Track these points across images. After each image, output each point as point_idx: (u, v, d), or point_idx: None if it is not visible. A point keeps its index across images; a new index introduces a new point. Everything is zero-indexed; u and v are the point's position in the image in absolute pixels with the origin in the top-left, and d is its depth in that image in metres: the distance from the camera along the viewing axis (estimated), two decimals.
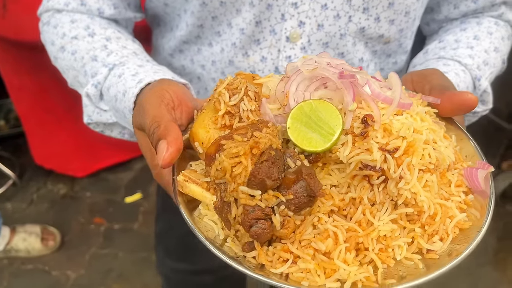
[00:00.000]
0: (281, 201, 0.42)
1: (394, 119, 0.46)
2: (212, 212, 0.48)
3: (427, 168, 0.45)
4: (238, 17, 0.71)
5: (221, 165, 0.43)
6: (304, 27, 0.71)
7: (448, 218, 0.45)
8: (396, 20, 0.74)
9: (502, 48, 0.81)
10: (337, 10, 0.70)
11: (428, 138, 0.46)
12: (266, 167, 0.41)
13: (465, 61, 0.73)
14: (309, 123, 0.46)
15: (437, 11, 0.85)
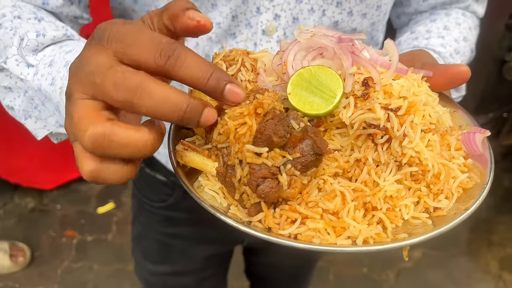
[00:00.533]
0: (288, 160, 0.41)
1: (393, 83, 0.47)
2: (212, 182, 0.47)
3: (428, 128, 0.46)
4: (214, 11, 0.72)
5: (224, 128, 0.42)
6: (279, 20, 0.72)
7: (451, 178, 0.46)
8: (368, 14, 0.76)
9: (470, 37, 0.85)
10: (311, 4, 0.72)
11: (427, 101, 0.47)
12: (272, 124, 0.41)
13: (438, 49, 0.76)
14: (310, 87, 0.46)
15: (406, 5, 0.89)
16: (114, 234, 2.24)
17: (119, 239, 2.21)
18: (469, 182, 0.46)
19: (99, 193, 2.44)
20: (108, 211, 2.35)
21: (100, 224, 2.29)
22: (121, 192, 2.44)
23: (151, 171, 1.06)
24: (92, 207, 2.37)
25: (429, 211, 0.44)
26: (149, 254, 1.17)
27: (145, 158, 0.40)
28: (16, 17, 0.65)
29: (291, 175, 0.42)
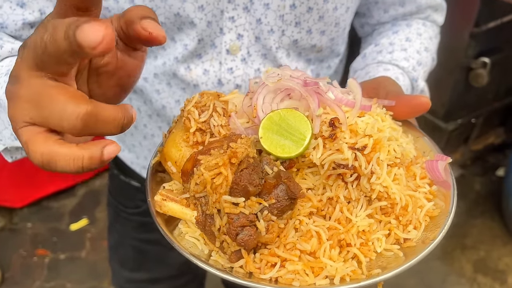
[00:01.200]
0: (264, 207, 0.44)
1: (358, 121, 0.50)
2: (192, 229, 0.49)
3: (394, 162, 0.49)
4: (180, 33, 0.74)
5: (200, 178, 0.45)
6: (242, 39, 0.75)
7: (418, 208, 0.49)
8: (326, 31, 0.80)
9: (431, 47, 0.90)
10: (271, 25, 0.74)
11: (391, 135, 0.50)
12: (247, 174, 0.43)
13: (402, 64, 0.80)
14: (280, 131, 0.48)
15: (369, 16, 0.93)
16: (87, 251, 2.22)
17: (93, 256, 2.19)
18: (435, 210, 0.50)
19: (72, 210, 2.41)
20: (81, 227, 2.31)
21: (73, 241, 2.25)
22: (94, 208, 2.42)
23: (126, 178, 1.08)
24: (64, 224, 2.33)
25: (399, 242, 0.48)
26: (125, 262, 1.19)
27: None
28: None
29: (268, 221, 0.44)
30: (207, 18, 0.72)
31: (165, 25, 0.72)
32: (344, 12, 0.78)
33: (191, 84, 0.79)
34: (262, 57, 0.78)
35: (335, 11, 0.77)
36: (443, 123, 2.33)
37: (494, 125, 2.76)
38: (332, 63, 0.89)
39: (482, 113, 2.53)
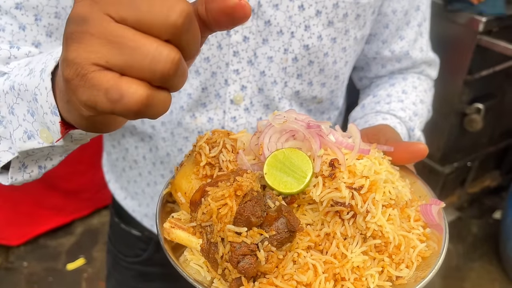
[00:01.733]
0: (265, 237, 0.47)
1: (356, 163, 0.54)
2: (197, 257, 0.52)
3: (389, 203, 0.53)
4: (185, 83, 0.80)
5: (207, 208, 0.48)
6: (246, 90, 0.81)
7: (411, 248, 0.52)
8: (327, 83, 0.86)
9: (426, 99, 0.96)
10: (274, 77, 0.81)
11: (387, 178, 0.55)
12: (250, 206, 0.47)
13: (399, 114, 0.86)
14: (283, 168, 0.53)
15: (367, 70, 0.99)
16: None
17: None
18: (427, 251, 0.53)
19: (69, 249, 2.41)
20: (78, 267, 2.31)
21: (70, 281, 2.24)
22: (92, 247, 2.42)
23: (126, 227, 1.10)
24: (61, 264, 2.33)
25: (392, 279, 0.51)
26: None
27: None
28: None
29: (268, 251, 0.48)
30: (211, 69, 0.78)
31: None
32: (343, 65, 0.85)
33: (195, 131, 0.85)
34: (265, 107, 0.84)
35: (335, 65, 0.83)
36: (440, 167, 2.38)
37: (490, 168, 2.83)
38: (332, 115, 0.94)
39: (478, 156, 2.59)
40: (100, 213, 2.65)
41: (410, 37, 0.94)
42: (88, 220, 2.62)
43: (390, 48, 0.94)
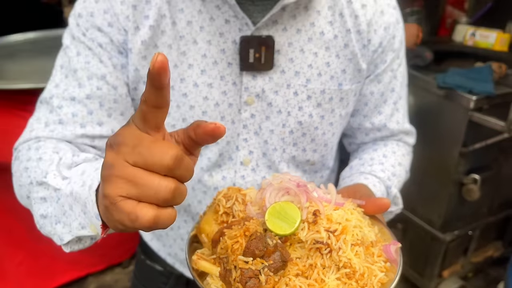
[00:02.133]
0: (265, 265, 0.67)
1: (333, 213, 0.75)
2: (216, 281, 0.71)
3: (356, 243, 0.72)
4: (206, 150, 1.02)
5: (224, 244, 0.69)
6: (252, 155, 1.03)
7: (373, 276, 0.72)
8: (317, 149, 1.08)
9: (404, 162, 1.15)
10: (275, 145, 1.03)
11: (356, 224, 0.75)
12: (255, 242, 0.67)
13: (379, 174, 1.06)
14: (279, 216, 0.73)
15: (354, 137, 1.20)
16: None
17: None
18: (385, 278, 0.72)
19: None
20: None
21: None
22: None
23: (151, 263, 1.30)
24: None
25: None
26: None
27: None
28: (52, 152, 0.84)
29: (267, 275, 0.67)
30: (227, 138, 1.01)
31: None
32: (331, 136, 1.07)
33: (212, 187, 1.06)
34: (268, 168, 1.06)
35: (324, 136, 1.05)
36: (441, 234, 2.51)
37: (492, 238, 2.91)
38: (324, 174, 1.16)
39: (479, 225, 2.71)
40: (113, 270, 2.76)
41: (387, 112, 1.13)
42: (101, 276, 2.73)
43: (370, 121, 1.14)
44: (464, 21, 3.20)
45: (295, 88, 0.98)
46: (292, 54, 0.96)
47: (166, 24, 0.91)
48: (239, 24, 0.91)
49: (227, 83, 0.96)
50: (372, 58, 1.04)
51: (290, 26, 0.94)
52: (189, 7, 0.91)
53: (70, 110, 0.91)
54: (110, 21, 0.90)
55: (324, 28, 0.97)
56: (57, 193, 0.76)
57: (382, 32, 1.02)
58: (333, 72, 1.00)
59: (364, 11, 0.99)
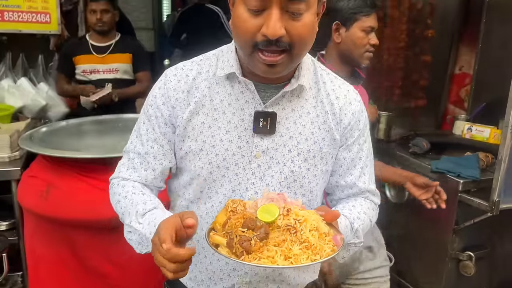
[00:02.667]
0: (255, 235, 1.10)
1: (299, 211, 1.19)
2: (224, 249, 1.13)
3: (312, 228, 1.15)
4: (222, 188, 1.41)
5: (230, 223, 1.13)
6: (257, 194, 1.40)
7: (323, 250, 1.13)
8: (305, 194, 1.41)
9: (368, 212, 1.47)
10: (274, 187, 1.37)
11: (314, 219, 1.18)
12: (249, 220, 1.11)
13: (346, 214, 1.42)
14: (266, 211, 1.17)
15: (333, 194, 1.53)
16: None
17: None
18: (330, 252, 1.14)
19: None
20: None
21: None
22: None
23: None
24: None
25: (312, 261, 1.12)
26: None
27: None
28: (132, 193, 1.34)
29: (256, 241, 1.11)
30: (238, 181, 1.33)
31: (213, 183, 1.41)
32: (315, 185, 1.43)
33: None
34: (269, 201, 1.50)
35: (309, 184, 1.42)
36: None
37: None
38: None
39: None
40: None
41: (356, 174, 1.44)
42: None
43: (344, 179, 1.45)
44: (462, 117, 3.66)
45: (289, 147, 1.34)
46: (288, 125, 1.34)
47: (206, 100, 1.33)
48: (254, 103, 1.31)
49: (242, 141, 1.33)
50: (343, 132, 1.39)
51: (287, 106, 1.33)
52: (223, 91, 1.33)
53: (137, 161, 1.40)
54: (164, 101, 1.34)
55: (310, 110, 1.36)
56: (137, 231, 1.29)
57: (350, 116, 1.39)
58: (315, 139, 1.36)
59: (337, 101, 1.38)
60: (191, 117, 1.36)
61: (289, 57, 1.19)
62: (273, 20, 1.12)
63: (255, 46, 1.17)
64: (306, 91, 1.36)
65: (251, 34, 1.16)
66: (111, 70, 3.78)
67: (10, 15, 3.94)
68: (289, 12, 1.14)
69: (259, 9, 1.14)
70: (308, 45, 1.23)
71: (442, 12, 3.76)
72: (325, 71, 1.44)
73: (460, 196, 2.65)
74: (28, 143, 2.65)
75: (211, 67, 1.37)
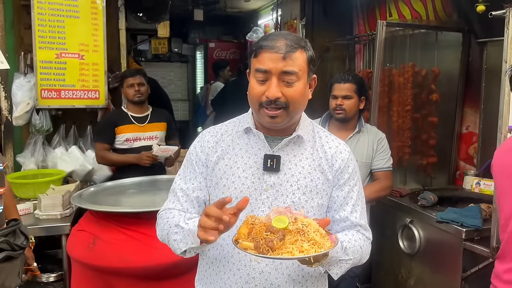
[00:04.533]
0: (275, 236, 1.44)
1: (303, 218, 1.55)
2: (252, 251, 1.47)
3: (315, 230, 1.51)
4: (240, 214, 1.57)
5: (255, 230, 1.47)
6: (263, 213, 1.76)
7: (325, 245, 1.49)
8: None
9: (359, 242, 1.67)
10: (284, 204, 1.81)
11: (315, 225, 1.55)
12: (269, 226, 1.45)
13: (338, 235, 1.74)
14: (279, 221, 1.52)
15: (330, 229, 1.66)
16: None
17: None
18: (330, 246, 1.50)
19: None
20: None
21: None
22: None
23: None
24: None
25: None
26: None
27: None
28: (178, 213, 1.70)
29: (277, 241, 1.44)
30: (251, 209, 1.64)
31: None
32: (312, 215, 1.67)
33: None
34: (279, 214, 1.83)
35: (307, 214, 1.66)
36: None
37: None
38: None
39: None
40: None
41: (348, 210, 1.70)
42: None
43: (338, 214, 1.71)
44: (471, 173, 3.90)
45: (291, 183, 1.66)
46: (290, 166, 1.68)
47: (230, 149, 1.73)
48: (264, 149, 1.68)
49: (255, 177, 1.67)
50: (335, 174, 1.71)
51: (290, 152, 1.69)
52: (242, 141, 1.73)
53: (180, 194, 1.77)
54: (202, 150, 1.76)
55: (308, 155, 1.70)
56: (183, 229, 1.58)
57: (340, 162, 1.72)
58: (312, 177, 1.68)
59: (330, 150, 1.73)
60: (218, 160, 1.76)
61: (286, 112, 1.62)
62: (273, 87, 1.58)
63: (261, 104, 1.62)
64: (304, 141, 1.74)
65: (258, 97, 1.62)
66: (151, 138, 4.13)
67: (66, 93, 4.63)
68: (284, 81, 1.58)
69: (264, 80, 1.60)
70: (300, 105, 1.66)
71: (446, 78, 4.11)
72: (322, 130, 1.84)
73: (465, 244, 2.83)
74: (79, 201, 3.05)
75: (235, 127, 1.81)
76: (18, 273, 2.40)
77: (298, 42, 1.60)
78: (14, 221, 2.43)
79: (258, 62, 1.59)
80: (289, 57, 1.56)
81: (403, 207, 3.52)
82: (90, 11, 4.60)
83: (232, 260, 1.70)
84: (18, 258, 2.40)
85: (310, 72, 1.65)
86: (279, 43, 1.56)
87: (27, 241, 2.44)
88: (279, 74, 1.57)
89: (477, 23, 3.86)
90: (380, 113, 3.97)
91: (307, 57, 1.63)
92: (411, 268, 3.46)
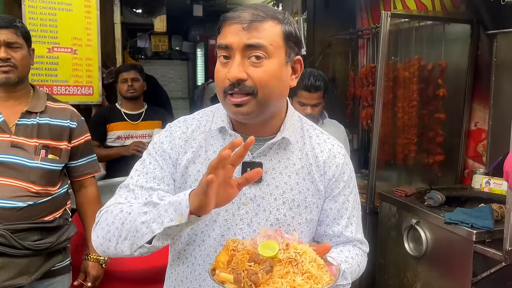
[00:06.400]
0: (261, 268, 1.11)
1: (297, 245, 1.22)
2: (231, 285, 1.14)
3: (311, 260, 1.18)
4: (212, 232, 1.35)
5: (236, 259, 1.14)
6: (244, 239, 1.37)
7: (323, 279, 1.16)
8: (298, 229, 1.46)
9: (356, 258, 1.44)
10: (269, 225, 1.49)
11: (311, 252, 1.21)
12: (254, 255, 1.13)
13: (334, 256, 1.41)
14: (266, 247, 1.19)
15: (322, 241, 1.49)
16: None
17: None
18: (330, 281, 1.17)
19: None
20: None
21: None
22: None
23: None
24: None
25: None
26: None
27: None
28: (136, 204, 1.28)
29: (262, 274, 1.12)
30: (227, 226, 1.33)
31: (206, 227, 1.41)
32: (300, 233, 1.37)
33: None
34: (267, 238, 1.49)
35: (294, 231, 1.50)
36: None
37: None
38: None
39: None
40: None
41: (343, 224, 1.43)
42: None
43: (331, 229, 1.44)
44: (481, 171, 3.62)
45: (275, 196, 1.36)
46: (274, 175, 1.36)
47: (202, 151, 1.38)
48: None
49: None
50: (328, 184, 1.42)
51: (274, 158, 1.37)
52: (216, 143, 1.38)
53: (139, 192, 1.35)
54: (171, 146, 1.39)
55: (295, 162, 1.39)
56: (158, 205, 1.16)
57: (334, 168, 1.42)
58: (300, 189, 1.38)
59: (322, 154, 1.41)
60: (188, 164, 1.40)
61: (255, 100, 1.25)
62: (234, 65, 1.23)
63: (225, 92, 1.26)
64: (291, 144, 1.40)
65: (221, 82, 1.27)
66: (144, 136, 3.90)
67: (58, 89, 4.32)
68: (250, 59, 1.23)
69: (227, 58, 1.25)
70: (274, 91, 1.28)
71: (454, 72, 3.82)
72: (312, 127, 1.50)
73: (475, 246, 2.62)
74: None
75: (208, 122, 1.44)
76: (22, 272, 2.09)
77: (271, 12, 1.27)
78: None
79: (219, 38, 1.27)
80: (254, 28, 1.22)
81: (409, 207, 3.25)
82: (83, 3, 4.28)
83: (204, 285, 1.39)
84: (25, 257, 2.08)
85: (291, 52, 1.31)
86: (244, 13, 1.25)
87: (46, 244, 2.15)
88: (243, 49, 1.23)
89: (487, 14, 3.51)
90: (385, 109, 3.68)
91: (283, 31, 1.27)
92: (417, 271, 3.22)
